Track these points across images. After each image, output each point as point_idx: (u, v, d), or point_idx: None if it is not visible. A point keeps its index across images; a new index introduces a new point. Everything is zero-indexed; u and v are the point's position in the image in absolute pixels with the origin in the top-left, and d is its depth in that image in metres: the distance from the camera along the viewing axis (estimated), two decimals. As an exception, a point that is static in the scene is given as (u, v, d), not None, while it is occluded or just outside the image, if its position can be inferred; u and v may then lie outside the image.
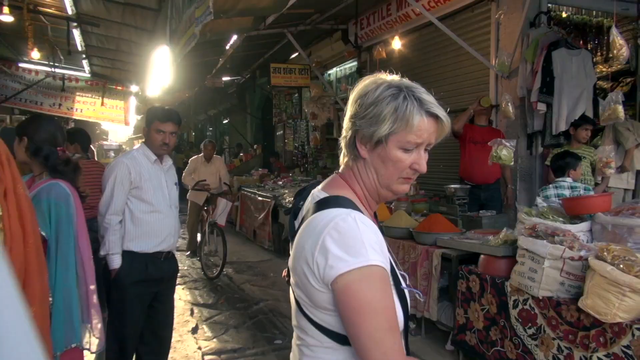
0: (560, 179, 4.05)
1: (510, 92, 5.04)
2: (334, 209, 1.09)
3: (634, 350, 2.29)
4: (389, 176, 1.15)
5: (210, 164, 7.55)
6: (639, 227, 2.76)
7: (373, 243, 1.05)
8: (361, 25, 7.70)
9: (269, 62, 9.77)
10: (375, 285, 1.03)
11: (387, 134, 1.10)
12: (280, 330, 4.67)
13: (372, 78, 1.18)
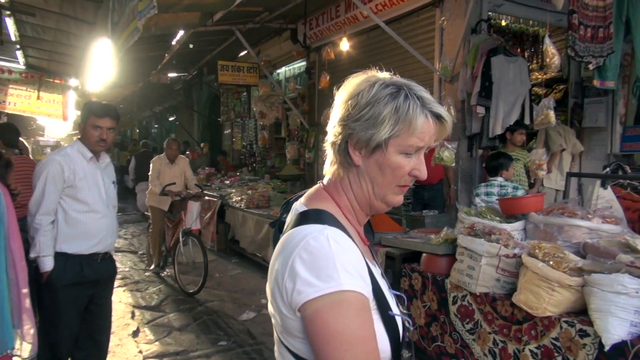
0: (492, 179, 4.26)
1: (452, 96, 5.21)
2: (309, 225, 0.98)
3: (562, 342, 2.42)
4: (386, 185, 1.04)
5: (175, 165, 6.75)
6: (568, 226, 2.92)
7: (347, 265, 0.92)
8: (310, 25, 7.73)
9: (216, 60, 9.62)
10: (348, 313, 0.90)
11: (387, 137, 0.99)
12: (225, 332, 4.61)
13: (363, 76, 1.05)
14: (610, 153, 6.11)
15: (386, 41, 6.25)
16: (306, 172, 8.87)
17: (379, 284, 1.03)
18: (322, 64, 7.56)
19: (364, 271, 0.97)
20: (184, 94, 14.97)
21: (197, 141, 14.95)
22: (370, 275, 0.99)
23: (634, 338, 2.15)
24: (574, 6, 3.48)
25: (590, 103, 6.18)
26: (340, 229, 0.98)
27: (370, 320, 0.95)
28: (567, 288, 2.40)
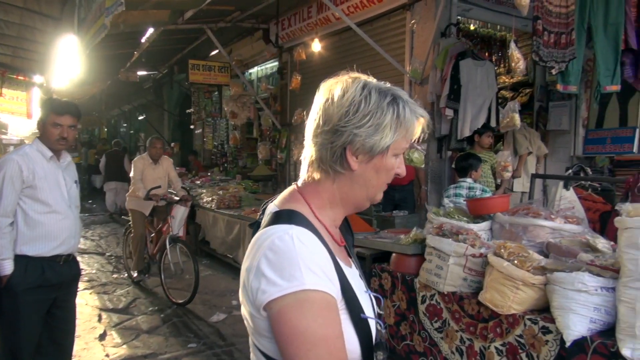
0: (462, 180, 4.34)
1: (422, 98, 5.29)
2: (278, 225, 1.00)
3: (525, 338, 2.49)
4: (379, 185, 1.08)
5: (158, 166, 6.23)
6: (532, 226, 3.00)
7: (311, 265, 0.93)
8: (282, 25, 7.72)
9: (187, 58, 9.51)
10: (311, 312, 0.91)
11: (390, 143, 1.03)
12: (195, 334, 4.56)
13: (347, 80, 1.05)
14: (573, 155, 6.31)
15: (358, 43, 6.29)
16: (278, 173, 8.85)
17: (351, 285, 1.03)
18: (294, 64, 7.56)
19: (331, 271, 0.97)
20: (154, 93, 14.74)
21: (167, 141, 14.73)
22: (340, 276, 1.00)
23: (594, 334, 2.22)
24: (538, 12, 3.58)
25: (555, 107, 6.37)
26: (309, 230, 0.99)
27: (335, 320, 0.95)
28: (531, 286, 2.46)
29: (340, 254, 1.11)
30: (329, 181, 1.07)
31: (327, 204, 1.08)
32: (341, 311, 0.99)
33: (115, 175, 12.07)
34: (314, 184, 1.08)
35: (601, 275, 2.27)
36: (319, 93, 1.08)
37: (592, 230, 3.10)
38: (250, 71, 10.48)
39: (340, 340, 0.94)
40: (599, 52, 3.95)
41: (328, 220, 1.09)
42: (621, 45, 3.94)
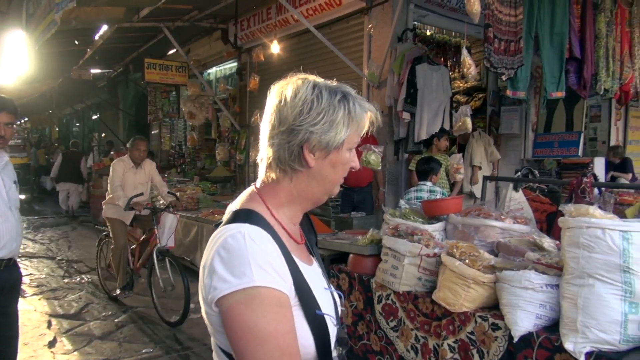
0: (422, 183, 4.43)
1: (379, 101, 5.38)
2: (233, 224, 1.02)
3: (476, 335, 2.57)
4: (337, 179, 1.12)
5: (140, 170, 5.55)
6: (484, 226, 3.11)
7: (262, 262, 0.95)
8: (241, 26, 7.67)
9: (143, 57, 9.30)
10: (261, 308, 0.93)
11: (345, 138, 1.07)
12: (150, 339, 4.46)
13: (297, 81, 1.09)
14: (523, 158, 6.57)
15: (316, 45, 6.34)
16: (237, 174, 8.78)
17: (306, 281, 1.05)
18: (252, 65, 7.53)
19: (283, 269, 1.00)
20: (108, 92, 14.32)
21: (122, 141, 14.35)
22: (294, 273, 1.02)
23: (539, 329, 2.33)
24: (489, 20, 3.72)
25: (506, 111, 6.61)
26: (264, 228, 1.02)
27: (286, 316, 0.97)
28: (481, 285, 2.55)
29: (299, 251, 1.14)
30: (286, 180, 1.09)
31: (285, 202, 1.11)
32: (295, 307, 1.01)
33: (70, 176, 11.77)
34: (272, 184, 1.11)
35: (546, 273, 2.38)
36: (271, 95, 1.11)
37: (538, 230, 3.24)
38: (208, 71, 10.34)
39: (290, 336, 0.96)
40: (545, 60, 4.14)
41: (285, 218, 1.12)
42: (566, 54, 4.15)
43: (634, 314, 2.04)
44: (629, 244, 2.02)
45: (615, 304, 2.05)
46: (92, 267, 7.04)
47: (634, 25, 4.84)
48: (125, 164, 5.47)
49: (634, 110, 7.58)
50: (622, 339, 2.05)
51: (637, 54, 4.88)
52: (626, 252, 2.02)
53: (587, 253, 2.10)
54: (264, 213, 1.07)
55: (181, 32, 8.24)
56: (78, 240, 9.23)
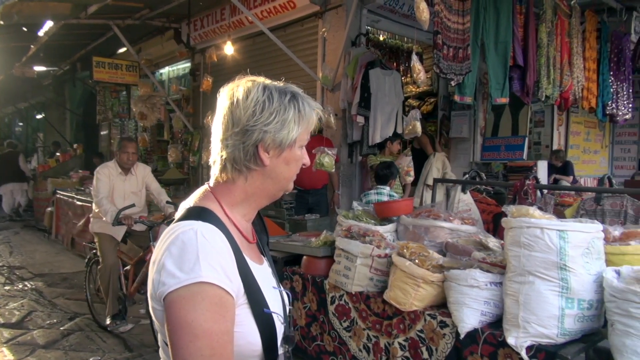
0: (381, 187, 4.50)
1: (333, 105, 5.44)
2: (186, 221, 1.04)
3: (425, 333, 2.65)
4: (290, 176, 1.17)
5: (131, 177, 4.77)
6: (433, 227, 3.20)
7: (211, 259, 0.96)
8: (195, 26, 7.56)
9: (91, 55, 8.99)
10: (202, 305, 0.93)
11: (296, 136, 1.11)
12: (98, 346, 4.31)
13: (247, 83, 1.12)
14: (472, 161, 6.81)
15: (271, 47, 6.33)
16: (190, 176, 8.63)
17: (256, 281, 1.07)
18: (206, 66, 7.43)
19: (231, 268, 1.01)
20: (54, 90, 13.76)
21: (69, 142, 13.81)
22: (244, 273, 1.04)
23: (484, 325, 2.42)
24: (438, 27, 3.84)
25: (456, 116, 6.83)
26: (217, 227, 1.03)
27: (225, 316, 0.97)
28: (430, 284, 2.63)
29: (251, 251, 1.16)
30: (241, 179, 1.12)
31: (240, 200, 1.13)
32: (243, 306, 1.04)
33: (12, 176, 11.40)
34: (227, 184, 1.13)
35: (490, 271, 2.48)
36: (221, 98, 1.13)
37: (484, 231, 3.37)
38: (161, 71, 10.12)
39: (226, 337, 0.97)
40: (490, 67, 4.32)
41: (239, 216, 1.14)
42: (510, 62, 4.34)
43: (570, 308, 2.16)
44: (566, 243, 2.14)
45: (553, 299, 2.16)
46: (35, 273, 6.74)
47: (573, 36, 5.12)
48: (112, 170, 4.64)
49: (574, 116, 8.00)
50: (560, 332, 2.17)
51: (575, 63, 5.16)
52: (563, 250, 2.14)
53: (528, 252, 2.21)
54: (218, 211, 1.09)
55: (132, 30, 8.01)
56: (20, 246, 8.80)
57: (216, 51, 6.87)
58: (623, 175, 8.40)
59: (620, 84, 5.90)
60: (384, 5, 5.61)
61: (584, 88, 5.34)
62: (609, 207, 3.52)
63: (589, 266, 2.17)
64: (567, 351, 2.15)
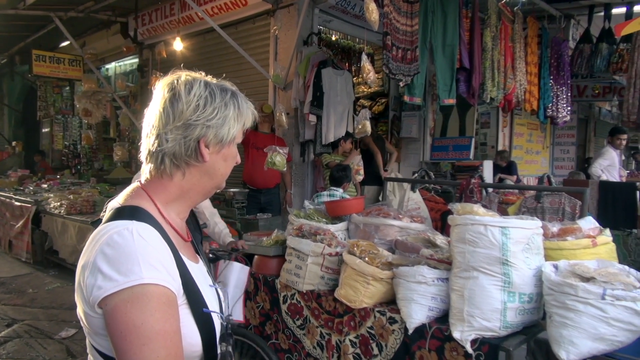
0: (334, 189, 4.51)
1: (285, 103, 5.42)
2: (118, 221, 0.99)
3: (375, 329, 2.69)
4: (227, 173, 1.16)
5: None
6: (383, 225, 3.25)
7: (151, 259, 0.93)
8: (142, 21, 7.34)
9: (31, 48, 8.55)
10: (149, 306, 0.90)
11: (236, 132, 1.12)
12: (38, 353, 4.11)
13: (187, 77, 1.10)
14: (422, 160, 6.96)
15: (222, 45, 6.24)
16: (138, 176, 8.38)
17: (194, 280, 1.06)
18: (155, 62, 7.23)
19: (172, 267, 0.99)
20: (-11, 85, 13.02)
21: (7, 139, 13.10)
22: (183, 272, 1.02)
23: (431, 320, 2.48)
24: (387, 29, 3.91)
25: (406, 116, 6.97)
26: (152, 225, 1.00)
27: (174, 315, 0.95)
28: (380, 281, 2.67)
29: (186, 249, 1.15)
30: (179, 175, 1.09)
31: (175, 197, 1.11)
32: (182, 306, 1.01)
33: None
34: (161, 180, 1.09)
35: (438, 267, 2.54)
36: (158, 91, 1.10)
37: (432, 228, 3.45)
38: (107, 66, 9.78)
39: (177, 336, 0.95)
40: (438, 69, 4.44)
41: (173, 214, 1.12)
42: (456, 64, 4.47)
43: (511, 302, 2.24)
44: (507, 239, 2.23)
45: (496, 294, 2.24)
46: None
47: (516, 41, 5.34)
48: None
49: (518, 118, 8.34)
50: (502, 325, 2.25)
51: (518, 67, 5.38)
52: (505, 246, 2.22)
53: (472, 248, 2.28)
54: (151, 210, 1.05)
55: (75, 23, 7.68)
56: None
57: (165, 47, 6.69)
58: (563, 175, 8.84)
59: (559, 88, 6.20)
60: (335, 6, 5.64)
61: (526, 91, 5.58)
62: (548, 205, 3.69)
63: (529, 261, 2.27)
64: (509, 343, 2.23)
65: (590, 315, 1.95)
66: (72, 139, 11.37)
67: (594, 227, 2.59)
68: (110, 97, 8.59)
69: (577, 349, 1.98)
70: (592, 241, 2.42)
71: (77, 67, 8.85)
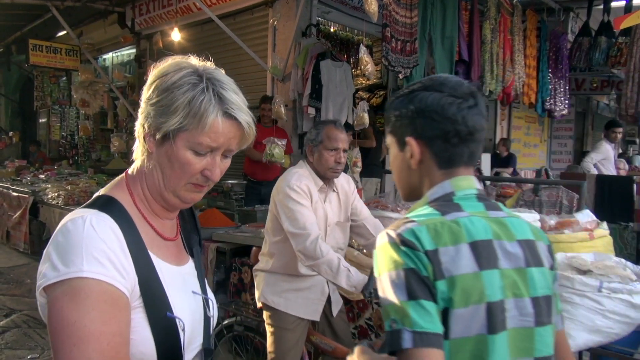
0: None
1: (284, 95, 5.41)
2: (82, 209, 0.93)
3: (374, 320, 2.71)
4: (175, 179, 0.97)
5: (331, 195, 2.55)
6: (381, 217, 3.25)
7: (97, 252, 0.85)
8: (140, 11, 7.29)
9: (27, 37, 8.49)
10: (86, 303, 0.82)
11: (175, 129, 0.92)
12: (37, 343, 4.12)
13: (178, 59, 0.98)
14: (420, 153, 6.95)
15: (220, 36, 6.20)
16: (136, 167, 8.37)
17: (159, 281, 0.95)
18: (153, 52, 7.19)
19: (124, 263, 0.88)
20: (-14, 74, 12.94)
21: (4, 129, 13.05)
22: (144, 271, 0.92)
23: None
24: (387, 20, 3.90)
25: (405, 108, 6.95)
26: (117, 218, 0.92)
27: (117, 317, 0.85)
28: (378, 273, 2.68)
29: (166, 249, 1.03)
30: (142, 166, 1.01)
31: (143, 192, 1.01)
32: (137, 309, 0.91)
33: None
34: (138, 170, 1.02)
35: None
36: None
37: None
38: (104, 57, 9.72)
39: (118, 339, 0.85)
40: (437, 61, 4.43)
41: (148, 210, 1.02)
42: (455, 57, 4.46)
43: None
44: (505, 232, 2.24)
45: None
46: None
47: (515, 34, 5.32)
48: (310, 183, 2.40)
49: (516, 111, 8.35)
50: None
51: (517, 60, 5.38)
52: (502, 238, 2.23)
53: (470, 240, 2.29)
54: (126, 202, 0.98)
55: (72, 12, 7.61)
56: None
57: (163, 38, 6.65)
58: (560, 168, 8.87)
59: (558, 81, 6.20)
60: (334, -3, 5.62)
61: (524, 84, 5.58)
62: (546, 198, 3.71)
63: (526, 254, 2.28)
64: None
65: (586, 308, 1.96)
66: (70, 130, 11.33)
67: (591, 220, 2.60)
68: (108, 88, 8.55)
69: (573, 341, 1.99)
70: (589, 234, 2.43)
71: (74, 57, 8.79)
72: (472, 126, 1.02)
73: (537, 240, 1.04)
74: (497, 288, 0.94)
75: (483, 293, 0.92)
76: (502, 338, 0.92)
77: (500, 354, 0.91)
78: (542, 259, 1.02)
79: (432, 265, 0.91)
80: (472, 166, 1.07)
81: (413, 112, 1.04)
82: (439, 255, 0.91)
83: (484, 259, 0.94)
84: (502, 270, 0.96)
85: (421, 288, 0.89)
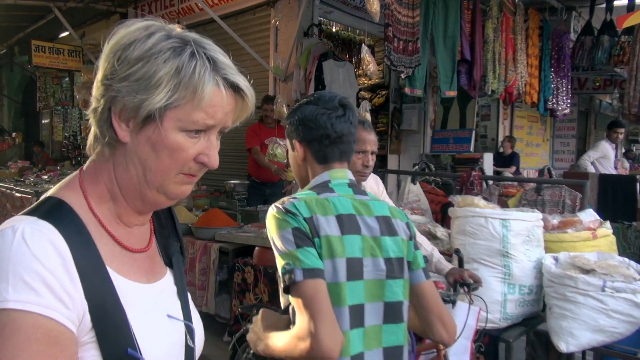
0: None
1: (286, 95, 5.41)
2: (21, 216, 0.72)
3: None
4: (163, 171, 0.76)
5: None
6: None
7: (28, 274, 0.65)
8: (142, 11, 7.30)
9: (30, 38, 8.52)
10: (13, 343, 0.63)
11: (162, 106, 0.72)
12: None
13: (140, 23, 0.76)
14: (422, 153, 6.95)
15: (222, 36, 6.19)
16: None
17: (120, 306, 0.74)
18: (155, 53, 7.20)
19: (67, 287, 0.68)
20: (-11, 75, 12.99)
21: (7, 130, 13.09)
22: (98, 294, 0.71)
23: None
24: (389, 20, 3.90)
25: (407, 108, 6.95)
26: (63, 227, 0.71)
27: (55, 356, 0.65)
28: (380, 273, 2.68)
29: (132, 263, 0.82)
30: (108, 161, 0.79)
31: (108, 193, 0.80)
32: (88, 345, 0.71)
33: None
34: (97, 166, 0.80)
35: (438, 259, 2.55)
36: None
37: (433, 221, 3.47)
38: (106, 57, 9.72)
39: None
40: (439, 61, 4.43)
41: (110, 215, 0.80)
42: (457, 56, 4.46)
43: (512, 294, 2.26)
44: (508, 231, 2.24)
45: (497, 285, 2.26)
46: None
47: (517, 33, 5.32)
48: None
49: (518, 110, 8.33)
50: (502, 317, 2.26)
51: (519, 59, 5.37)
52: (505, 238, 2.23)
53: (472, 240, 2.29)
54: (78, 206, 0.76)
55: (75, 13, 7.64)
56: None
57: (165, 38, 6.65)
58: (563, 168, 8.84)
59: (560, 80, 6.19)
60: (336, -3, 5.62)
61: (526, 83, 5.57)
62: (549, 197, 3.70)
63: (530, 253, 2.28)
64: (510, 334, 2.25)
65: (590, 307, 1.96)
66: (72, 130, 11.36)
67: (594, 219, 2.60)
68: (110, 89, 8.57)
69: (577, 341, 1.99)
70: (592, 233, 2.43)
71: (77, 57, 8.82)
72: (339, 131, 1.32)
73: (393, 217, 1.33)
74: (357, 249, 1.23)
75: (344, 251, 1.21)
76: (359, 285, 1.22)
77: (356, 297, 1.21)
78: (397, 230, 1.31)
79: (309, 226, 1.20)
80: (345, 161, 1.37)
81: (297, 121, 1.35)
82: (314, 221, 1.21)
83: (346, 227, 1.23)
84: (363, 237, 1.25)
85: (304, 240, 1.19)
